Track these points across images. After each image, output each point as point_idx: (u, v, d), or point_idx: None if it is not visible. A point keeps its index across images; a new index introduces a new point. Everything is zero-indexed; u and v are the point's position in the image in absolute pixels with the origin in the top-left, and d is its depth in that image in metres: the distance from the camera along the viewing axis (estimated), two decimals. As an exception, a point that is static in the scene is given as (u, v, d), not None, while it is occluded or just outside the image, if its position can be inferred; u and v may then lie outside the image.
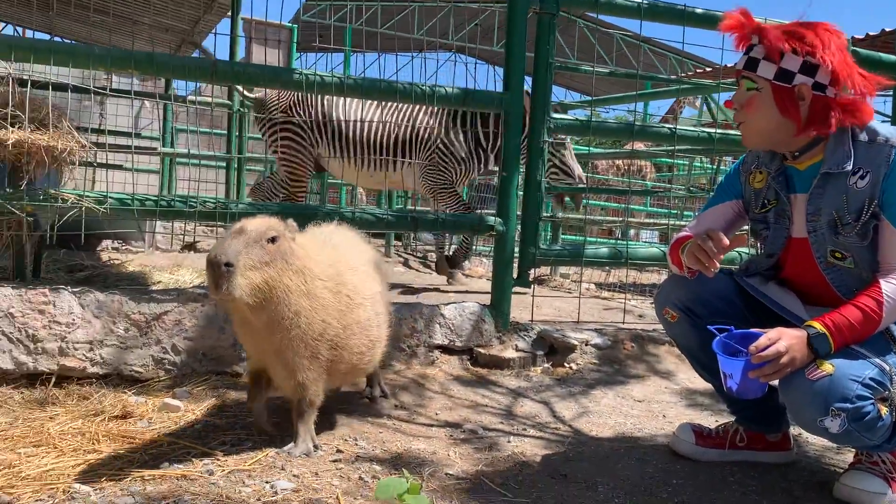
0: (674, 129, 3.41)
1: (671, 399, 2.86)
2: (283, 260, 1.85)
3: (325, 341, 1.98)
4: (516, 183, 3.27)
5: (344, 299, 2.03)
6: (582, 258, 3.40)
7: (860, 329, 1.75)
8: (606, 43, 15.45)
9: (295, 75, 2.93)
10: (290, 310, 1.88)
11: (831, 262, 1.91)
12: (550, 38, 3.27)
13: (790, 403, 1.80)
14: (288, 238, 1.90)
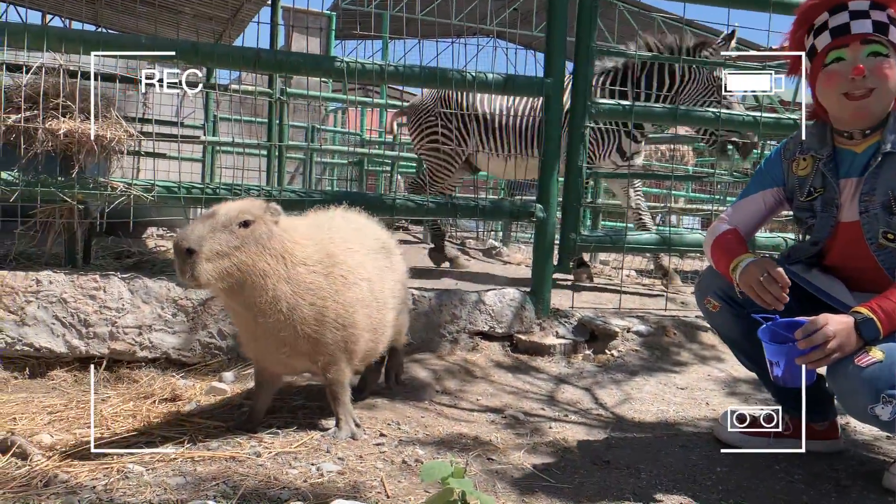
0: (718, 114, 3.35)
1: (714, 387, 2.83)
2: (257, 244, 1.83)
3: (329, 323, 1.96)
4: (557, 168, 3.25)
5: (338, 280, 1.99)
6: (624, 244, 3.37)
7: None
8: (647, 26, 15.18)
9: (336, 63, 2.95)
10: (268, 294, 1.86)
11: (883, 243, 1.86)
12: (592, 23, 3.24)
13: (839, 391, 1.77)
14: (266, 222, 1.87)
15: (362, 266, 2.09)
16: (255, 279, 1.83)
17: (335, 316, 1.97)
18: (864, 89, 1.83)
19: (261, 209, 1.88)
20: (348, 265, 2.03)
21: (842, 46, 1.85)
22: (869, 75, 1.82)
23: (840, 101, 1.87)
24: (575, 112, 3.26)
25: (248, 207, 1.86)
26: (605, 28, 14.96)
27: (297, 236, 1.96)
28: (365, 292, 2.06)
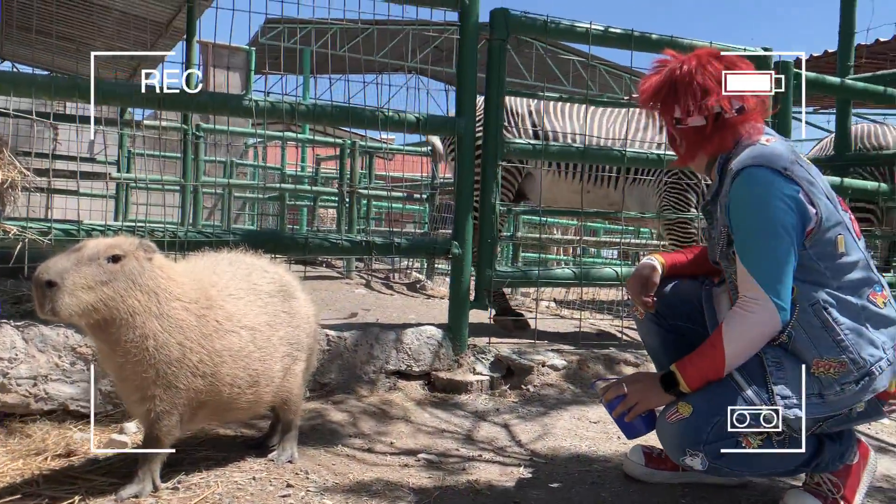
0: (623, 152, 3.46)
1: (627, 419, 2.86)
2: (128, 280, 1.76)
3: (186, 368, 1.86)
4: (471, 205, 3.28)
5: (211, 324, 1.90)
6: (538, 279, 3.41)
7: (710, 362, 1.77)
8: (564, 64, 15.66)
9: (245, 101, 2.91)
10: (136, 332, 1.78)
11: (733, 282, 1.91)
12: (501, 63, 3.30)
13: (660, 441, 1.86)
14: (138, 258, 1.81)
15: (243, 314, 2.01)
16: (123, 316, 1.76)
17: (198, 361, 1.87)
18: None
19: (132, 245, 1.82)
20: (226, 311, 1.95)
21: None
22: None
23: None
24: (487, 150, 3.30)
25: (118, 243, 1.80)
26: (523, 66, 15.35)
27: (173, 274, 1.88)
28: (244, 342, 1.98)
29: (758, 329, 1.74)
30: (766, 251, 1.73)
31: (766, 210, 1.73)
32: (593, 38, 3.39)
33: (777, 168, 1.75)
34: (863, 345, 1.75)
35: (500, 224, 3.89)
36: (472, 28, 3.23)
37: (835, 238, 1.78)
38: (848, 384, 1.74)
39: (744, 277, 1.76)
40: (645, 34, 3.42)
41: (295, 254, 3.07)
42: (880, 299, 1.81)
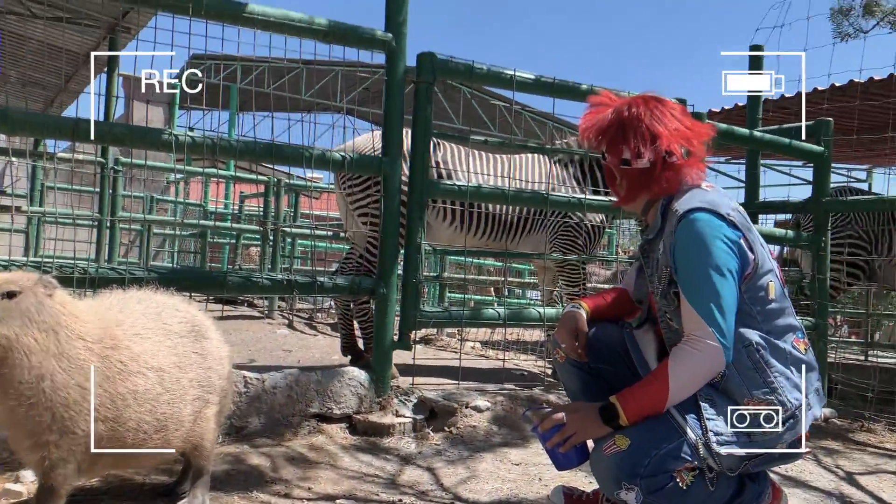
0: (547, 195, 3.52)
1: (549, 461, 2.86)
2: (24, 318, 1.68)
3: (86, 412, 1.76)
4: (397, 245, 3.27)
5: (115, 365, 1.81)
6: (462, 320, 3.41)
7: (652, 396, 1.77)
8: (491, 108, 16.00)
9: (164, 135, 2.84)
10: (31, 373, 1.68)
11: (668, 322, 1.94)
12: (428, 106, 3.33)
13: (594, 475, 1.85)
14: (37, 294, 1.72)
15: (151, 354, 1.92)
16: (18, 355, 1.66)
17: (98, 404, 1.76)
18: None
19: (30, 281, 1.72)
20: (132, 352, 1.85)
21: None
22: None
23: None
24: (413, 189, 3.31)
25: (15, 279, 1.71)
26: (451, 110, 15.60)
27: (76, 311, 1.79)
28: (150, 384, 1.89)
29: (703, 366, 1.76)
30: (712, 291, 1.76)
31: (711, 252, 1.78)
32: (518, 84, 3.46)
33: (721, 213, 1.81)
34: (789, 388, 1.81)
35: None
36: (399, 70, 3.25)
37: (766, 284, 1.84)
38: (775, 425, 1.78)
39: (690, 316, 1.79)
40: (566, 82, 3.52)
41: (213, 292, 2.98)
42: (802, 345, 1.89)
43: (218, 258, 11.06)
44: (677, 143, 1.90)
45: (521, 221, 4.22)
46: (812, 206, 4.39)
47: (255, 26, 3.03)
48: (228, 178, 9.42)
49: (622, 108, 1.93)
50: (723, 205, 1.84)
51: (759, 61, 4.62)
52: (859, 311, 10.07)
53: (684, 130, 1.92)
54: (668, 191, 1.93)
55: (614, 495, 1.77)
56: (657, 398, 1.76)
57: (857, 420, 4.04)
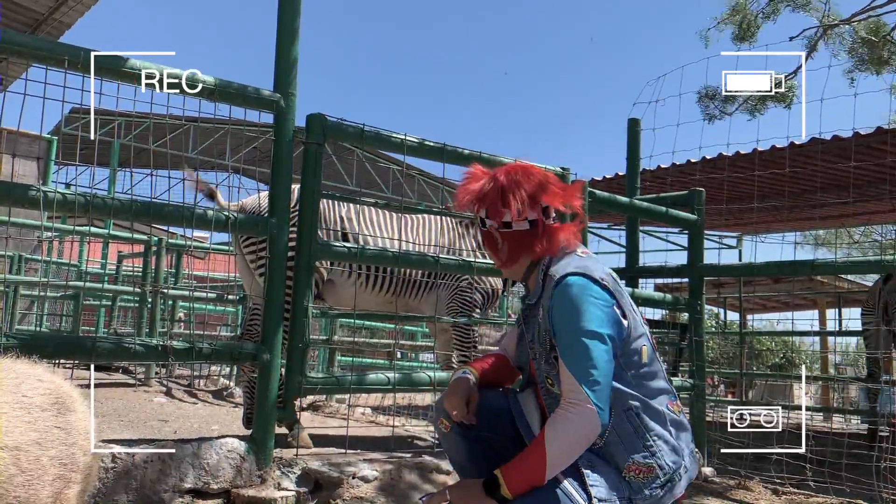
0: (437, 258, 3.53)
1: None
2: None
3: None
4: (282, 309, 3.16)
5: None
6: (350, 386, 3.32)
7: (532, 465, 1.76)
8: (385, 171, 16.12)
9: (31, 192, 2.65)
10: None
11: (548, 388, 1.96)
12: (317, 167, 3.30)
13: None
14: None
15: (6, 431, 1.74)
16: None
17: None
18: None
19: None
20: None
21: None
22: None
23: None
24: (300, 251, 3.24)
25: None
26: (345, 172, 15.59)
27: None
28: (4, 465, 1.71)
29: (580, 431, 1.76)
30: (586, 354, 1.78)
31: (587, 316, 1.80)
32: (408, 148, 3.49)
33: (595, 278, 1.86)
34: (667, 451, 1.84)
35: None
36: (287, 131, 3.21)
37: (640, 348, 1.89)
38: (655, 489, 1.81)
39: (567, 380, 1.80)
40: (456, 148, 3.58)
41: (81, 359, 2.77)
42: (675, 408, 1.93)
43: (93, 321, 10.41)
44: (555, 203, 1.98)
45: (422, 280, 4.23)
46: (688, 270, 4.62)
47: (136, 82, 2.92)
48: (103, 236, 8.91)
49: (499, 175, 2.00)
50: (597, 270, 1.90)
51: (637, 135, 4.89)
52: (734, 371, 10.63)
53: (559, 192, 2.00)
54: (549, 251, 1.98)
55: None
56: (536, 466, 1.75)
57: (733, 478, 4.18)
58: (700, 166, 6.43)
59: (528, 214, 1.96)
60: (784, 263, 4.30)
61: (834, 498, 3.80)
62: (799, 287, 11.70)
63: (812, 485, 3.94)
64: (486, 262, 3.72)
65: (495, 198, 1.98)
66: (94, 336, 2.78)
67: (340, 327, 8.60)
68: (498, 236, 2.02)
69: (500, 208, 1.97)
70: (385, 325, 9.26)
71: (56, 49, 2.76)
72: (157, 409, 4.99)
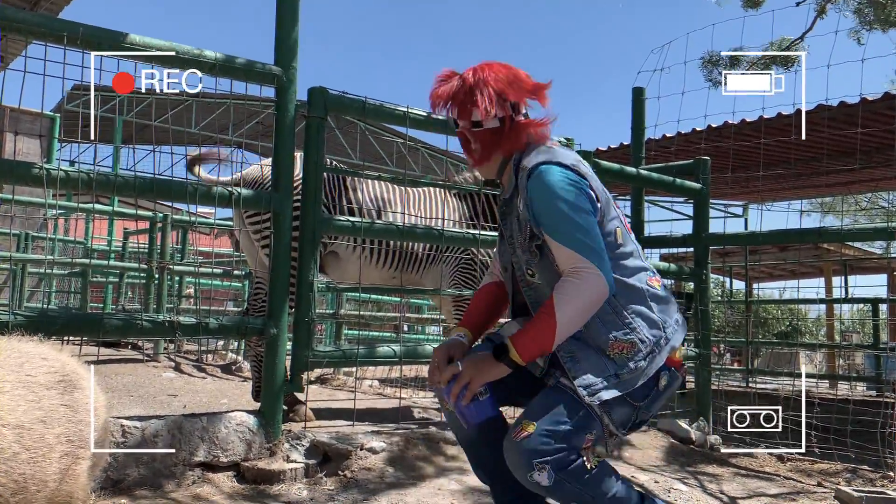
0: (441, 231, 3.53)
1: (449, 499, 2.82)
2: None
3: None
4: (288, 283, 3.17)
5: None
6: (357, 358, 3.34)
7: (541, 331, 1.82)
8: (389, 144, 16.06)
9: (35, 170, 2.65)
10: None
11: (528, 280, 2.00)
12: (319, 141, 3.29)
13: (510, 466, 1.85)
14: None
15: (8, 410, 1.76)
16: None
17: None
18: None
19: None
20: None
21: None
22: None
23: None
24: (304, 225, 3.24)
25: None
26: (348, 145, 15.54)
27: None
28: (6, 443, 1.73)
29: (588, 294, 1.81)
30: (577, 227, 1.84)
31: (566, 196, 1.85)
32: (411, 121, 3.47)
33: (566, 164, 1.91)
34: (646, 326, 1.90)
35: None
36: (289, 105, 3.20)
37: (613, 230, 1.94)
38: (639, 361, 1.87)
39: (563, 255, 1.85)
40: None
41: (90, 336, 2.79)
42: (656, 283, 1.99)
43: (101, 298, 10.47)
44: (522, 99, 2.01)
45: (425, 254, 4.24)
46: (693, 240, 4.60)
47: (137, 58, 2.91)
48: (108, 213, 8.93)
49: (467, 75, 2.01)
50: (568, 157, 1.95)
51: (641, 104, 4.85)
52: (739, 339, 10.65)
53: (527, 88, 2.02)
54: (517, 146, 2.02)
55: (528, 478, 1.79)
56: (546, 332, 1.81)
57: (739, 445, 4.21)
58: (705, 135, 6.38)
59: (496, 112, 1.98)
60: (790, 232, 4.29)
61: (839, 464, 3.83)
62: (805, 255, 11.67)
63: (817, 451, 3.97)
64: (488, 235, 3.72)
65: (464, 98, 1.99)
66: (102, 312, 2.79)
67: (347, 301, 8.65)
68: (469, 136, 2.05)
69: (468, 108, 1.99)
70: (391, 298, 9.29)
71: (54, 25, 2.74)
72: (166, 384, 5.04)
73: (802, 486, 3.48)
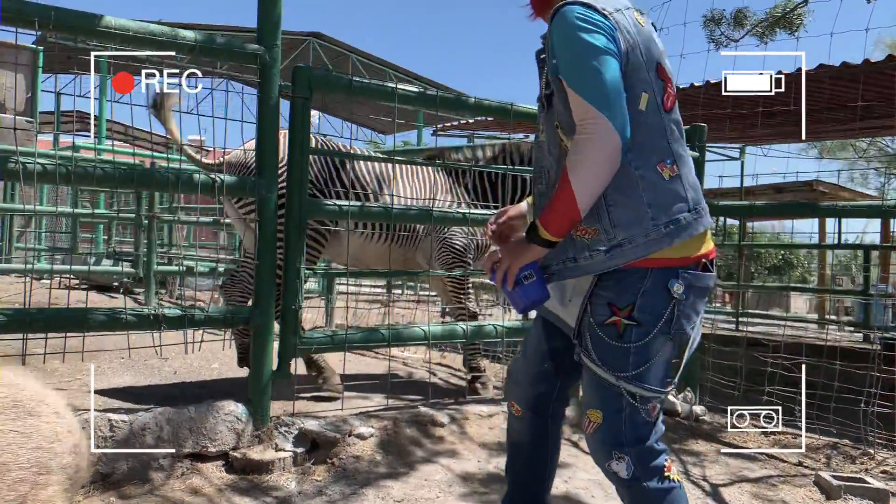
0: (431, 210, 3.47)
1: (435, 492, 2.86)
2: None
3: None
4: (274, 270, 3.13)
5: None
6: (345, 344, 3.33)
7: (562, 200, 1.68)
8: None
9: (10, 164, 2.56)
10: None
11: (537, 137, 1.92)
12: (305, 121, 3.19)
13: (594, 460, 1.83)
14: None
15: None
16: None
17: None
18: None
19: None
20: None
21: None
22: None
23: None
24: (290, 210, 3.17)
25: None
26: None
27: None
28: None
29: (597, 150, 1.64)
30: (594, 72, 1.66)
31: (587, 36, 1.68)
32: (400, 98, 3.36)
33: (592, 5, 1.72)
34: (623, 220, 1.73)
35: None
36: (272, 85, 3.08)
37: (639, 94, 1.74)
38: (596, 251, 1.74)
39: (575, 104, 1.69)
40: (449, 96, 3.46)
41: (74, 331, 2.76)
42: (667, 172, 1.76)
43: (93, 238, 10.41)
44: None
45: (417, 229, 4.19)
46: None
47: (112, 41, 2.78)
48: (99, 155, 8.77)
49: None
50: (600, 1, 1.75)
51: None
52: (731, 283, 10.72)
53: None
54: None
55: (607, 468, 1.76)
56: (565, 200, 1.67)
57: (724, 416, 4.24)
58: (704, 90, 6.22)
59: None
60: (787, 205, 4.24)
61: (822, 438, 3.88)
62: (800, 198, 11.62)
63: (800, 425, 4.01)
64: (479, 214, 3.66)
65: None
66: (85, 308, 2.77)
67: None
68: None
69: None
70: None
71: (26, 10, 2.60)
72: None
73: (785, 467, 3.54)
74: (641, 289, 1.73)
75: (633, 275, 1.73)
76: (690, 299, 1.74)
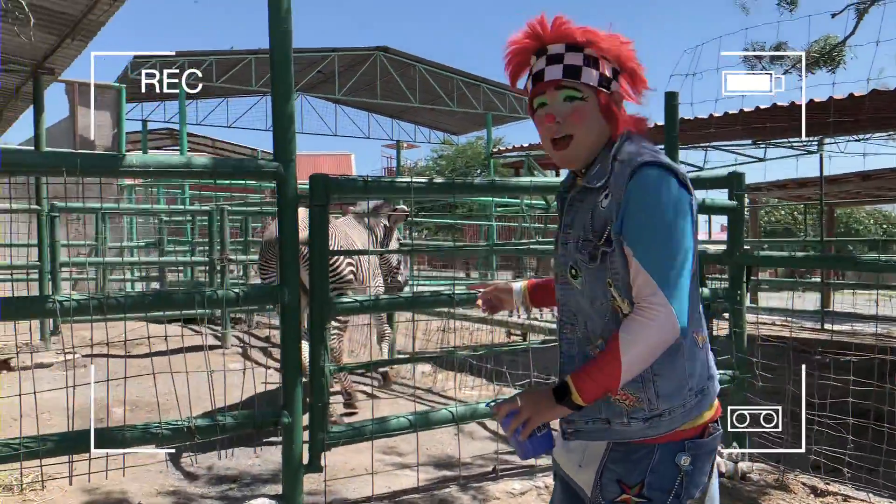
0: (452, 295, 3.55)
1: None
2: None
3: None
4: (299, 372, 3.30)
5: None
6: (372, 434, 3.48)
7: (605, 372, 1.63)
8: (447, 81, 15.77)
9: (48, 304, 2.83)
10: None
11: (567, 279, 1.77)
12: (323, 227, 3.33)
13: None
14: None
15: None
16: None
17: None
18: (562, 134, 1.71)
19: None
20: None
21: (541, 93, 1.74)
22: (563, 122, 1.71)
23: (549, 147, 1.77)
24: (314, 309, 3.33)
25: None
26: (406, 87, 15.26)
27: None
28: None
29: (656, 336, 1.60)
30: (669, 253, 1.60)
31: (675, 213, 1.60)
32: (415, 191, 3.46)
33: (681, 177, 1.65)
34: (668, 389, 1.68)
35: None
36: (290, 194, 3.23)
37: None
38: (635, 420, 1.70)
39: (641, 279, 1.61)
40: (462, 182, 3.53)
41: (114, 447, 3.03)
42: (701, 339, 1.74)
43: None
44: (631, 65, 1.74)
45: None
46: (727, 259, 4.44)
47: (135, 176, 3.00)
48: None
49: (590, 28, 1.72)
50: (671, 162, 1.66)
51: (675, 110, 4.60)
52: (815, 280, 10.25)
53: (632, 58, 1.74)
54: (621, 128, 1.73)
55: None
56: (610, 373, 1.62)
57: (772, 473, 4.13)
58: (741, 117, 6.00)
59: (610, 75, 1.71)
60: (828, 258, 4.07)
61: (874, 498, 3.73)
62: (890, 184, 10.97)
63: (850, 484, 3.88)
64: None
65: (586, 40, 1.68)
66: (122, 426, 3.02)
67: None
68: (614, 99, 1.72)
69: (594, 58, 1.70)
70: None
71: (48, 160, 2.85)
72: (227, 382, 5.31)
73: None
74: (650, 465, 1.69)
75: (641, 450, 1.70)
76: (698, 465, 1.70)
